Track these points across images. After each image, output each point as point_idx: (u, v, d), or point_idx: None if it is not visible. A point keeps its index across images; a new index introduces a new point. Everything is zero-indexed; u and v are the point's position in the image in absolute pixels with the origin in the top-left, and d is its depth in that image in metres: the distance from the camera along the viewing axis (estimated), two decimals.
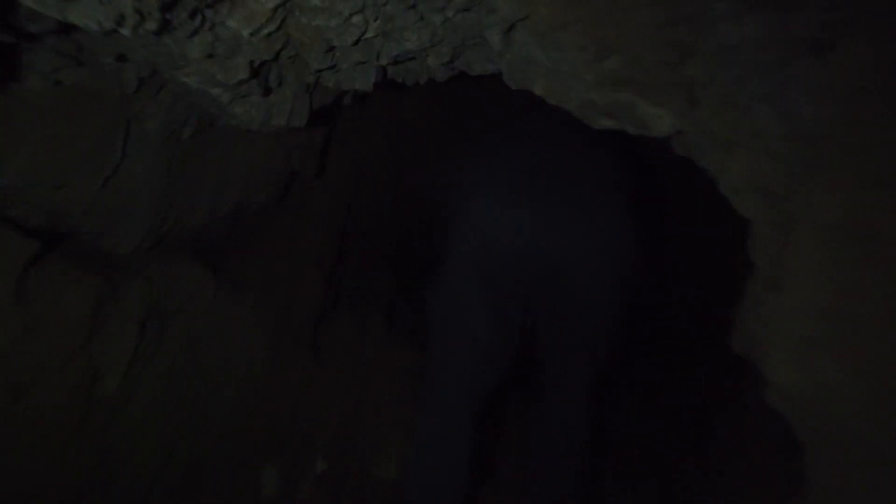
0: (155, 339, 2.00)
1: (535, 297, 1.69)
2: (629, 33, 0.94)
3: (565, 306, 1.66)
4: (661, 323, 3.06)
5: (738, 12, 0.86)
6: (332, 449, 2.11)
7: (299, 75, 1.42)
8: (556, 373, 1.78)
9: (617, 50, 0.98)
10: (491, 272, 1.62)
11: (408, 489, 1.74)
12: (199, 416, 2.10)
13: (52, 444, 1.56)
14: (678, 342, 2.90)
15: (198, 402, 2.11)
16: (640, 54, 0.97)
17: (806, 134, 0.87)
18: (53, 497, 1.57)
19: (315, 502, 2.12)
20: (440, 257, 1.82)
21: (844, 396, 0.89)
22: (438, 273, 1.78)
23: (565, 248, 1.57)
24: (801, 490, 1.01)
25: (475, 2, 1.07)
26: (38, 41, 1.14)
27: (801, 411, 0.97)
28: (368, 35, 1.24)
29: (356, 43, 1.23)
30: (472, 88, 3.29)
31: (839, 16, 0.86)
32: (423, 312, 3.58)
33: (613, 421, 2.42)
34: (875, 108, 0.85)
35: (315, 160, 2.31)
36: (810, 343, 0.96)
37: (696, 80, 0.99)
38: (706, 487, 2.03)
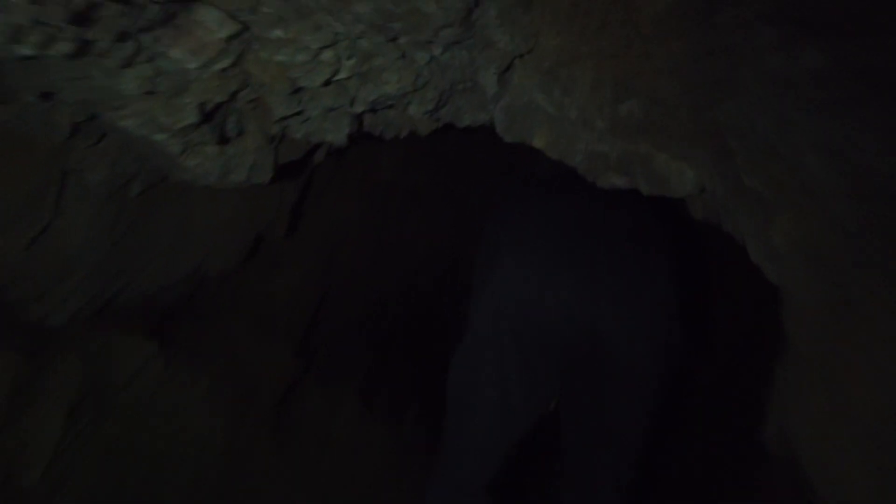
0: (91, 421, 1.74)
1: (570, 371, 1.48)
2: (653, 69, 0.78)
3: (603, 384, 1.44)
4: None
5: (793, 41, 0.69)
6: None
7: (262, 123, 1.24)
8: (584, 462, 1.53)
9: (637, 91, 0.82)
10: (520, 341, 1.43)
11: None
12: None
13: None
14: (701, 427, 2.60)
15: (141, 494, 1.82)
16: (664, 95, 0.80)
17: (878, 192, 0.70)
18: None
19: None
20: (461, 321, 1.66)
21: None
22: (462, 338, 1.60)
23: (604, 316, 1.38)
24: None
25: (467, 34, 0.90)
26: None
27: None
28: (341, 76, 1.07)
29: (327, 84, 1.06)
30: (458, 141, 3.16)
31: None
32: (403, 384, 3.32)
33: None
34: None
35: (285, 220, 2.11)
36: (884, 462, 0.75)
37: (730, 125, 0.82)
38: None
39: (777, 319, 1.02)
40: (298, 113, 1.16)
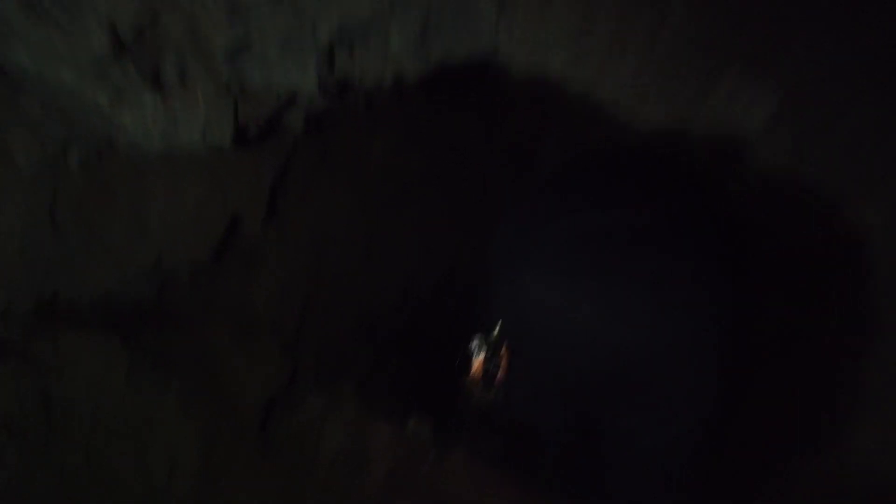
0: (41, 437, 1.51)
1: (597, 397, 1.36)
2: None
3: (634, 410, 1.31)
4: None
5: None
6: None
7: (207, 63, 1.01)
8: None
9: None
10: (538, 360, 1.39)
11: None
12: None
13: None
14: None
15: None
16: None
17: None
18: None
19: None
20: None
21: None
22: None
23: (633, 339, 1.27)
24: None
25: None
26: None
27: None
28: None
29: None
30: (456, 126, 2.93)
31: None
32: (404, 386, 3.08)
33: None
34: None
35: (262, 205, 1.88)
36: None
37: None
38: None
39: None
40: (245, 47, 0.93)
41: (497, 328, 1.93)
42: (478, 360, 7.07)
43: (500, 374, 6.34)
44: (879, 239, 1.31)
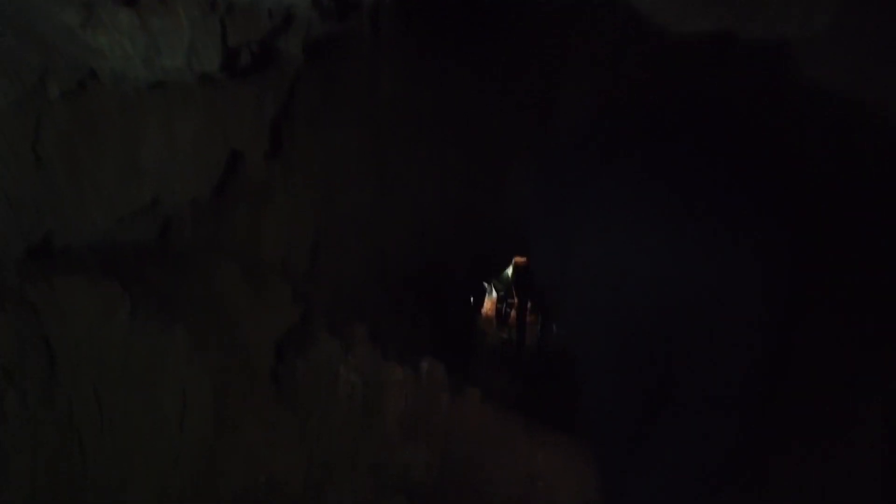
0: (43, 382, 1.47)
1: (672, 334, 1.34)
2: None
3: (707, 343, 1.30)
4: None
5: None
6: None
7: None
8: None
9: None
10: (618, 304, 1.32)
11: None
12: (113, 484, 1.56)
13: None
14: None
15: (110, 464, 1.57)
16: None
17: None
18: None
19: None
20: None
21: None
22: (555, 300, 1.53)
23: (706, 278, 1.24)
24: None
25: None
26: None
27: None
28: None
29: None
30: (465, 62, 2.76)
31: None
32: (418, 328, 3.04)
33: None
34: None
35: (265, 138, 1.77)
36: None
37: None
38: None
39: None
40: None
41: (511, 269, 1.96)
42: (491, 301, 7.03)
43: (512, 314, 6.30)
44: None
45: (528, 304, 6.88)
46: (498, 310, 6.69)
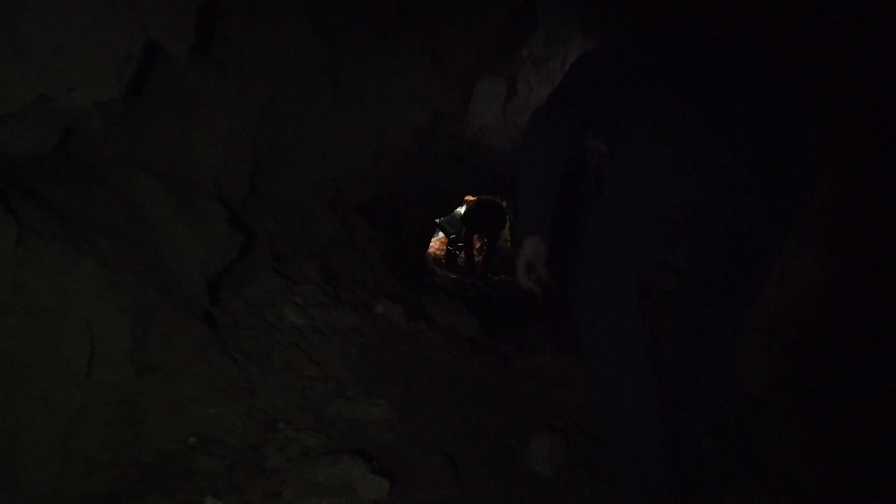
0: None
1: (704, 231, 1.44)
2: None
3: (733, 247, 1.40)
4: None
5: None
6: (231, 478, 1.32)
7: None
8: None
9: None
10: (660, 204, 1.35)
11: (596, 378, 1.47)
12: (2, 446, 1.28)
13: None
14: None
15: (6, 420, 1.29)
16: None
17: None
18: None
19: None
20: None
21: None
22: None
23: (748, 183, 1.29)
24: None
25: None
26: None
27: None
28: None
29: None
30: None
31: None
32: (373, 261, 2.78)
33: None
34: None
35: (191, 27, 1.43)
36: None
37: None
38: None
39: None
40: None
41: (463, 209, 1.93)
42: (439, 241, 6.82)
43: (461, 256, 6.10)
44: None
45: (479, 245, 6.70)
46: (448, 252, 6.48)
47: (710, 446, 1.72)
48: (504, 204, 6.11)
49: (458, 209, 6.44)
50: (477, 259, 6.23)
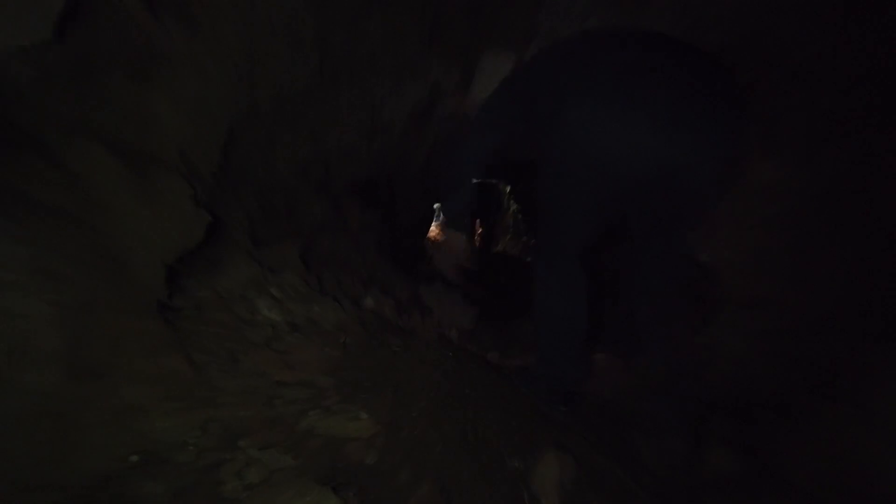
0: None
1: (641, 197, 1.63)
2: None
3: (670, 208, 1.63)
4: None
5: None
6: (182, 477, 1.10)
7: None
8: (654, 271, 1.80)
9: None
10: (596, 176, 1.55)
11: (539, 329, 1.77)
12: None
13: None
14: None
15: None
16: None
17: None
18: None
19: None
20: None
21: None
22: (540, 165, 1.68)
23: (679, 154, 1.48)
24: None
25: None
26: None
27: None
28: None
29: None
30: None
31: None
32: (361, 248, 2.55)
33: None
34: None
35: None
36: None
37: None
38: None
39: None
40: None
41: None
42: (438, 226, 6.51)
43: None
44: None
45: (481, 231, 6.51)
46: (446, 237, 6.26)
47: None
48: (507, 189, 5.92)
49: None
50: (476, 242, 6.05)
